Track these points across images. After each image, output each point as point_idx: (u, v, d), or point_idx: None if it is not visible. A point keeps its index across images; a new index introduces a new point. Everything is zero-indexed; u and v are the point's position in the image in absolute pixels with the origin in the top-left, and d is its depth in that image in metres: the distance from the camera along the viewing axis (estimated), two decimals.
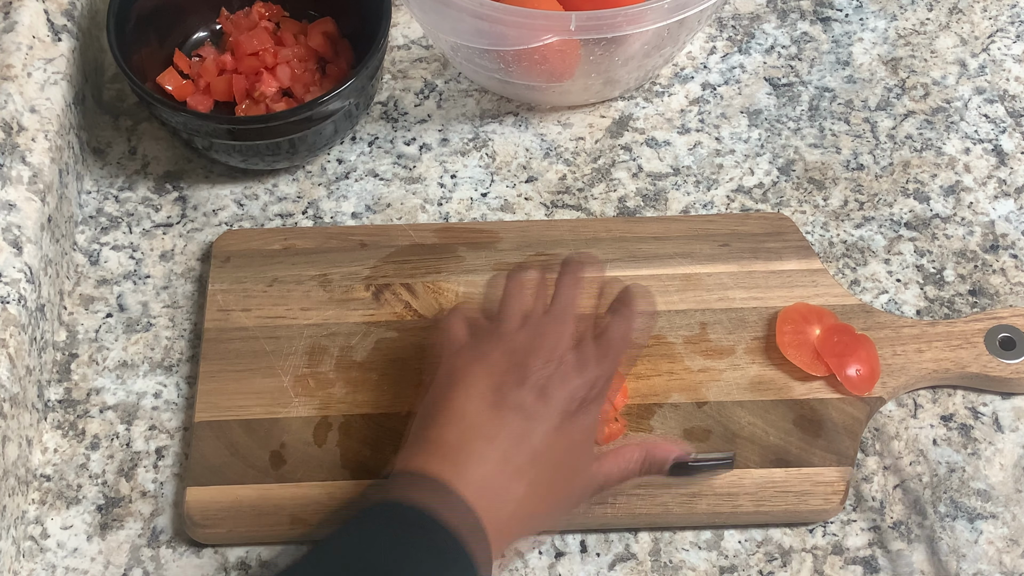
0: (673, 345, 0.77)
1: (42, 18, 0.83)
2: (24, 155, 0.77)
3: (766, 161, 0.87)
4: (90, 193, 0.85)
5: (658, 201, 0.85)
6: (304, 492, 0.71)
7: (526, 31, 0.77)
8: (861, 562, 0.71)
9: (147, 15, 0.85)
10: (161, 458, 0.74)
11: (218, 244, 0.81)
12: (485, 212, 0.85)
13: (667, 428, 0.73)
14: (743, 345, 0.77)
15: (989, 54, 0.93)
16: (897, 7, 0.96)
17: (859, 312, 0.78)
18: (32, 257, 0.74)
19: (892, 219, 0.84)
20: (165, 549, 0.71)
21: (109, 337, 0.79)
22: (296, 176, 0.86)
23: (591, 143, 0.88)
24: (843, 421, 0.73)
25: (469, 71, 0.89)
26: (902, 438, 0.75)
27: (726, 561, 0.71)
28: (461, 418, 0.64)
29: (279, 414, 0.74)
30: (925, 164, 0.87)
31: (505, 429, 0.64)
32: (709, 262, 0.80)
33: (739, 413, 0.74)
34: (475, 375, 0.65)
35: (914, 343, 0.77)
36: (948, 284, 0.81)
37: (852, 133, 0.89)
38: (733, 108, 0.90)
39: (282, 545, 0.71)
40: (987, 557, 0.71)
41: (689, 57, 0.93)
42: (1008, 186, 0.86)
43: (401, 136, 0.89)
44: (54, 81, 0.81)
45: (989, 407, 0.76)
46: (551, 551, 0.71)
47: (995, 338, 0.76)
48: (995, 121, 0.89)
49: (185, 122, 0.80)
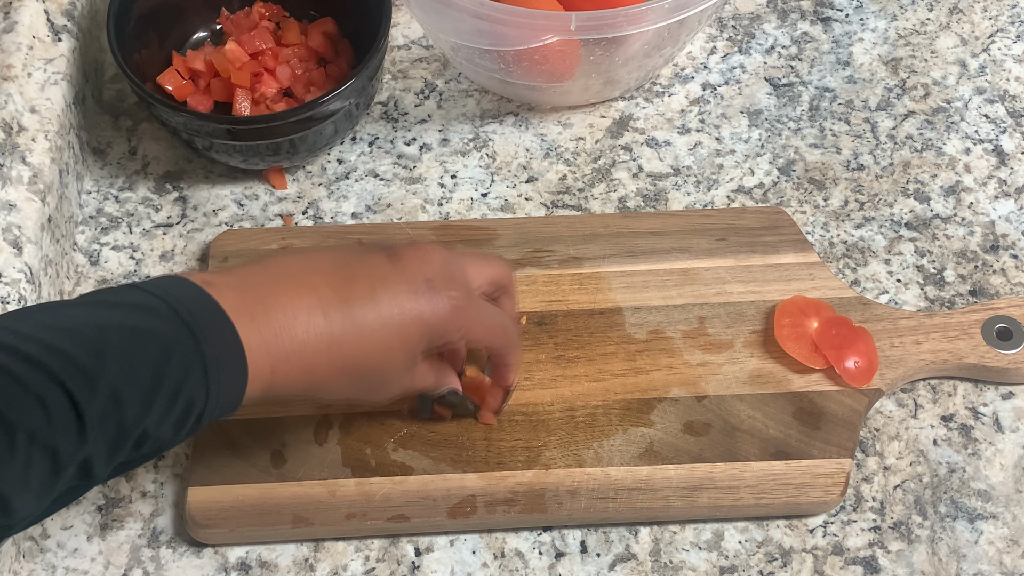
0: (672, 339, 0.77)
1: (42, 18, 0.83)
2: (24, 155, 0.77)
3: (766, 161, 0.87)
4: (90, 193, 0.85)
5: (658, 201, 0.85)
6: (305, 491, 0.71)
7: (526, 31, 0.77)
8: (861, 562, 0.71)
9: (147, 15, 0.85)
10: (161, 458, 0.74)
11: (215, 244, 0.81)
12: (485, 212, 0.85)
13: (667, 422, 0.73)
14: (742, 339, 0.77)
15: (989, 54, 0.93)
16: (897, 7, 0.96)
17: (857, 304, 0.78)
18: (32, 257, 0.73)
19: (892, 219, 0.84)
20: (165, 549, 0.71)
21: None
22: (296, 176, 0.86)
23: (591, 143, 0.88)
24: (842, 413, 0.74)
25: (469, 71, 0.89)
26: (902, 438, 0.75)
27: (726, 561, 0.71)
28: (280, 266, 0.62)
29: (279, 413, 0.74)
30: (925, 164, 0.87)
31: (329, 253, 0.63)
32: (707, 256, 0.80)
33: (739, 406, 0.74)
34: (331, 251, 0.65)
35: (912, 335, 0.77)
36: (948, 284, 0.81)
37: (852, 133, 0.89)
38: (733, 108, 0.90)
39: (284, 544, 0.71)
40: (987, 557, 0.71)
41: (689, 57, 0.93)
42: (1008, 186, 0.86)
43: (401, 136, 0.89)
44: (54, 81, 0.81)
45: (989, 407, 0.76)
46: (551, 551, 0.71)
47: (992, 328, 0.77)
48: (995, 121, 0.89)
49: (185, 122, 0.80)
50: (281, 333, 0.59)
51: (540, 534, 0.72)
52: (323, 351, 0.60)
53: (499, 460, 0.72)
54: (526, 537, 0.72)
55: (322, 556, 0.71)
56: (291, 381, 0.60)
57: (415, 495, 0.71)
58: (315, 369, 0.61)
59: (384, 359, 0.63)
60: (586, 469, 0.72)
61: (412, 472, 0.72)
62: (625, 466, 0.72)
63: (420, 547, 0.71)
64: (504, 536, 0.72)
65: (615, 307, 0.78)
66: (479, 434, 0.73)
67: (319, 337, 0.60)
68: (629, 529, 0.72)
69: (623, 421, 0.74)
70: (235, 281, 0.60)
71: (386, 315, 0.62)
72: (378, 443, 0.73)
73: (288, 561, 0.71)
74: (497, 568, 0.71)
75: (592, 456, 0.72)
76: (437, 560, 0.71)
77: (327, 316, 0.60)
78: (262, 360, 0.58)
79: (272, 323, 0.59)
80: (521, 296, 0.78)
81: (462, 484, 0.71)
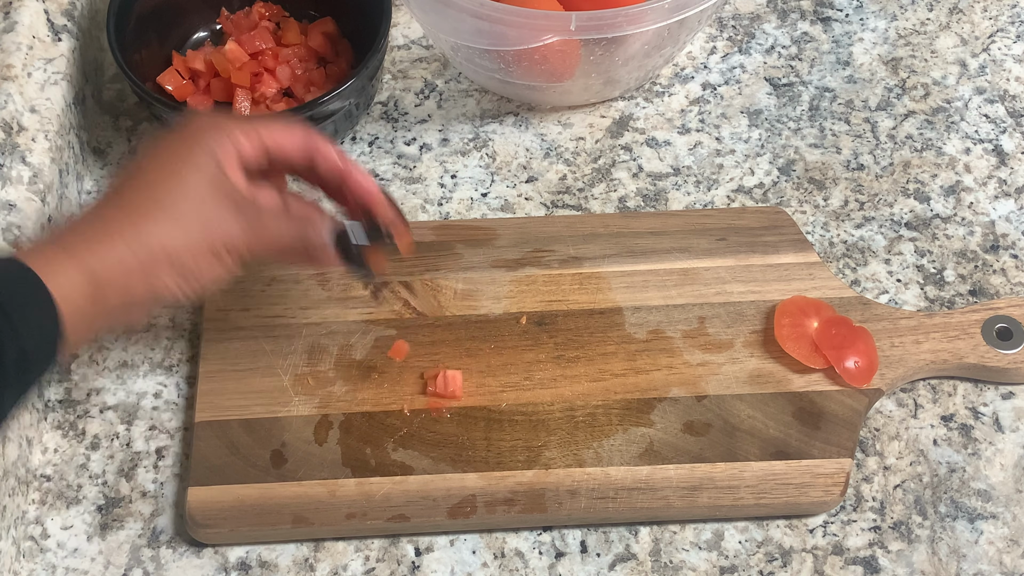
0: (672, 339, 0.77)
1: (42, 18, 0.83)
2: (24, 155, 0.77)
3: (766, 161, 0.87)
4: (90, 193, 0.85)
5: (658, 201, 0.85)
6: (305, 491, 0.71)
7: (526, 31, 0.77)
8: (861, 562, 0.71)
9: (147, 15, 0.85)
10: (161, 458, 0.74)
11: None
12: (485, 212, 0.85)
13: (667, 422, 0.73)
14: (742, 339, 0.77)
15: (989, 54, 0.93)
16: (897, 7, 0.96)
17: (856, 304, 0.78)
18: None
19: (892, 219, 0.84)
20: (165, 549, 0.71)
21: (109, 337, 0.79)
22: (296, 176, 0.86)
23: (591, 143, 0.88)
24: (842, 413, 0.74)
25: (469, 71, 0.89)
26: (902, 438, 0.75)
27: (726, 561, 0.71)
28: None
29: (279, 413, 0.74)
30: (925, 164, 0.87)
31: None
32: (707, 256, 0.80)
33: (739, 406, 0.74)
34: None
35: (912, 334, 0.77)
36: (948, 284, 0.81)
37: (852, 133, 0.89)
38: (733, 108, 0.90)
39: (284, 544, 0.71)
40: (987, 557, 0.71)
41: (689, 57, 0.93)
42: (1008, 186, 0.86)
43: (401, 136, 0.89)
44: (54, 81, 0.81)
45: (989, 407, 0.76)
46: (551, 551, 0.71)
47: (992, 328, 0.77)
48: (995, 121, 0.89)
49: None
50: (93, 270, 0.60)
51: (540, 534, 0.72)
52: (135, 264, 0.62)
53: (499, 460, 0.72)
54: (526, 537, 0.72)
55: (322, 556, 0.71)
56: (126, 288, 0.62)
57: (415, 495, 0.71)
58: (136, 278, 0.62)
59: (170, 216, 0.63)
60: (586, 469, 0.72)
61: (412, 472, 0.72)
62: (625, 466, 0.72)
63: (420, 547, 0.71)
64: (504, 536, 0.72)
65: (615, 307, 0.78)
66: (479, 434, 0.73)
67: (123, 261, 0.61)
68: (629, 529, 0.72)
69: (623, 421, 0.74)
70: (51, 236, 0.63)
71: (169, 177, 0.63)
72: (378, 443, 0.73)
73: (288, 561, 0.71)
74: (497, 568, 0.71)
75: (592, 456, 0.72)
76: (437, 560, 0.71)
77: (127, 243, 0.62)
78: (75, 292, 0.59)
79: (80, 262, 0.60)
80: (521, 296, 0.79)
81: (462, 484, 0.71)
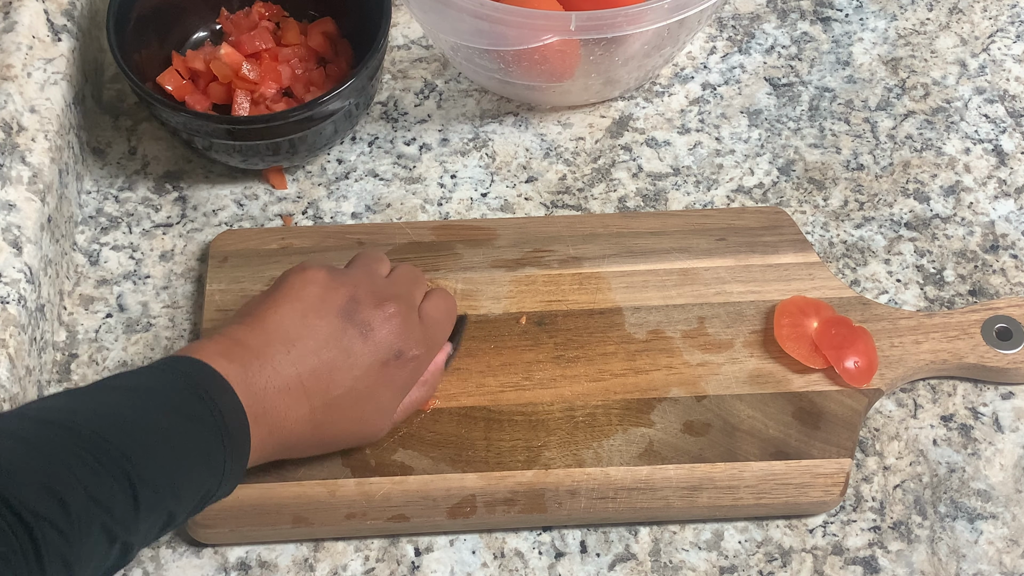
0: (671, 339, 0.77)
1: (42, 18, 0.83)
2: (24, 155, 0.77)
3: (766, 161, 0.87)
4: (90, 193, 0.85)
5: (658, 201, 0.85)
6: (306, 491, 0.71)
7: (526, 31, 0.77)
8: (861, 562, 0.71)
9: (147, 15, 0.85)
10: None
11: (215, 244, 0.81)
12: (485, 212, 0.85)
13: (667, 422, 0.73)
14: (741, 339, 0.77)
15: (989, 54, 0.93)
16: (897, 7, 0.96)
17: (856, 304, 0.78)
18: (32, 257, 0.74)
19: (892, 219, 0.84)
20: (165, 549, 0.71)
21: (109, 337, 0.79)
22: (296, 176, 0.86)
23: (591, 143, 0.88)
24: (842, 413, 0.74)
25: (469, 71, 0.89)
26: (902, 438, 0.75)
27: (726, 561, 0.71)
28: (273, 324, 0.65)
29: None
30: (925, 164, 0.87)
31: (313, 339, 0.65)
32: (706, 256, 0.80)
33: (738, 406, 0.74)
34: (306, 289, 0.67)
35: (911, 334, 0.77)
36: (948, 284, 0.81)
37: (852, 133, 0.89)
38: (733, 108, 0.90)
39: (284, 544, 0.71)
40: (987, 557, 0.71)
41: (689, 57, 0.93)
42: (1008, 186, 0.86)
43: (401, 136, 0.89)
44: (54, 81, 0.81)
45: (989, 407, 0.76)
46: (551, 551, 0.71)
47: (992, 328, 0.77)
48: (995, 121, 0.89)
49: (185, 122, 0.80)
50: (275, 427, 0.64)
51: (540, 534, 0.72)
52: (306, 432, 0.66)
53: (499, 460, 0.72)
54: (526, 537, 0.72)
55: (322, 556, 0.71)
56: (267, 455, 0.66)
57: (415, 495, 0.71)
58: (294, 445, 0.67)
59: (358, 428, 0.69)
60: (586, 469, 0.72)
61: (412, 472, 0.72)
62: (625, 466, 0.72)
63: (420, 547, 0.71)
64: (504, 536, 0.72)
65: (615, 307, 0.78)
66: (479, 434, 0.73)
67: (300, 421, 0.65)
68: (629, 529, 0.72)
69: (623, 421, 0.74)
70: (240, 373, 0.63)
71: (362, 392, 0.67)
72: (378, 443, 0.73)
73: (288, 561, 0.71)
74: (497, 568, 0.71)
75: (592, 456, 0.72)
76: (437, 560, 0.71)
77: (311, 402, 0.65)
78: (255, 451, 0.64)
79: (270, 421, 0.64)
80: (521, 296, 0.79)
81: (462, 484, 0.71)
